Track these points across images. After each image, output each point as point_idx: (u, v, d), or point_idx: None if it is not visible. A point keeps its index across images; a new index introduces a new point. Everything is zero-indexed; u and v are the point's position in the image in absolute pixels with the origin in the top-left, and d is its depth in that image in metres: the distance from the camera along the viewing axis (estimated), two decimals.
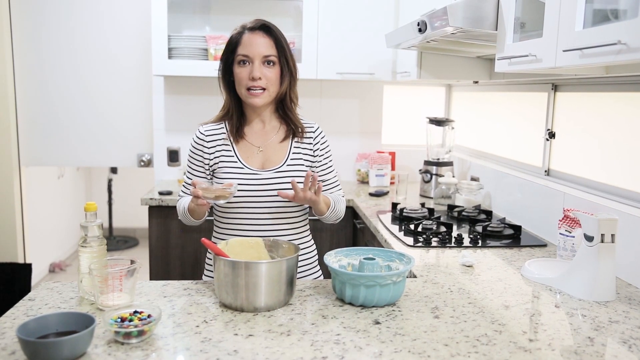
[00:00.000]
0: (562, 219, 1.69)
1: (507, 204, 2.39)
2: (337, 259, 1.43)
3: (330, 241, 2.79)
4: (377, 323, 1.22)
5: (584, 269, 1.42)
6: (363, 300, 1.29)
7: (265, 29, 1.60)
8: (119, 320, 1.11)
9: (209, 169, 1.67)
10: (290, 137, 1.68)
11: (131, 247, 5.61)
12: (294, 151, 1.66)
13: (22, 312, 1.25)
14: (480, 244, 1.93)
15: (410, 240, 1.97)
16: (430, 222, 2.14)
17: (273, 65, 1.59)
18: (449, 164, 2.93)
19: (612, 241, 1.39)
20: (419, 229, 2.08)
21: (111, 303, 1.25)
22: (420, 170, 2.99)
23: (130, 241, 5.72)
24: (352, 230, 2.83)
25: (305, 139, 1.69)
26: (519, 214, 2.27)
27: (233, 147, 1.65)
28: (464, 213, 2.34)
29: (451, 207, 2.43)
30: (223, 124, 1.68)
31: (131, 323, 1.10)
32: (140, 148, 3.42)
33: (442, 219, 2.24)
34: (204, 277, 1.75)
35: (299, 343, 1.11)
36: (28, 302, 1.30)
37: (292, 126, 1.67)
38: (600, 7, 1.32)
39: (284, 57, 1.61)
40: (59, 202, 4.96)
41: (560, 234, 1.70)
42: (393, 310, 1.30)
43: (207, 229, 1.81)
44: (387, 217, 2.34)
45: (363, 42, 2.99)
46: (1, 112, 3.21)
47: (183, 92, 3.23)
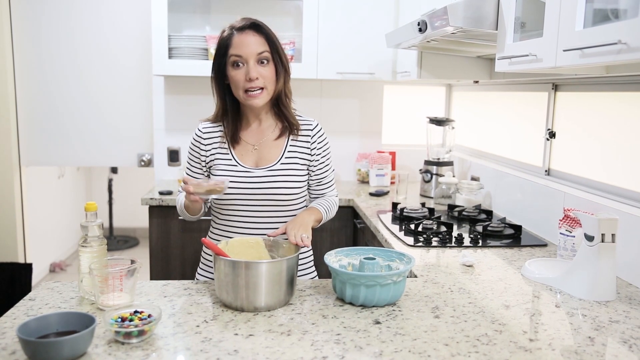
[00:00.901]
0: (563, 218, 1.69)
1: (508, 204, 2.39)
2: (338, 258, 1.43)
3: (330, 241, 2.79)
4: (378, 323, 1.22)
5: (584, 269, 1.42)
6: (363, 300, 1.29)
7: (254, 27, 1.58)
8: (119, 320, 1.11)
9: (205, 165, 1.68)
10: (287, 135, 1.66)
11: (131, 247, 5.61)
12: (289, 149, 1.65)
13: (22, 311, 1.25)
14: (480, 244, 1.94)
15: (410, 240, 1.97)
16: (431, 221, 2.14)
17: (267, 63, 1.58)
18: (449, 163, 2.93)
19: (613, 241, 1.39)
20: (420, 229, 2.08)
21: (111, 303, 1.25)
22: (420, 170, 3.00)
23: (130, 241, 5.72)
24: (352, 230, 2.83)
25: (303, 136, 1.67)
26: (519, 213, 2.27)
27: (229, 145, 1.65)
28: (464, 213, 2.34)
29: (451, 207, 2.44)
30: (221, 124, 1.68)
31: (131, 323, 1.10)
32: (141, 148, 3.42)
33: (442, 219, 2.24)
34: (197, 275, 1.76)
35: (299, 343, 1.11)
36: (28, 302, 1.30)
37: (287, 123, 1.66)
38: (600, 6, 1.32)
39: (277, 53, 1.59)
40: (59, 202, 4.97)
41: (560, 233, 1.69)
42: (393, 310, 1.30)
43: (207, 229, 1.81)
44: (387, 217, 2.34)
45: (363, 41, 2.99)
46: (1, 112, 3.21)
47: (183, 91, 3.23)
